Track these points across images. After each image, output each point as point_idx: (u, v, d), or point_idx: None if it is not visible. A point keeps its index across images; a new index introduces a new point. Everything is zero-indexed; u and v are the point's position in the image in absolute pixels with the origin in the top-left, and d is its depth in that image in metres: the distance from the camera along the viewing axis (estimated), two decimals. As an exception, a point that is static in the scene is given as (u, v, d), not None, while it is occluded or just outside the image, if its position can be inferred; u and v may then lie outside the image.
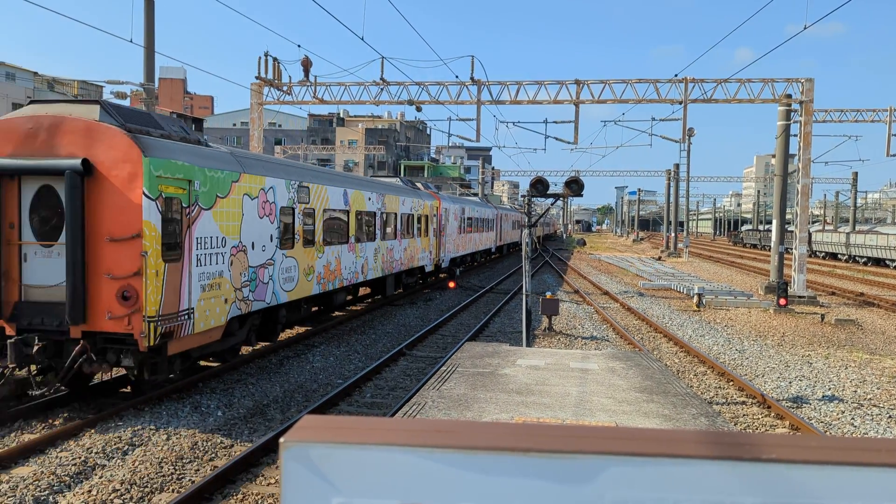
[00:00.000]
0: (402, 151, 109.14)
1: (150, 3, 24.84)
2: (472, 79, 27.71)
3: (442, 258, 30.36)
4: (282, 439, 1.09)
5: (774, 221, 27.99)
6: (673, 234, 65.90)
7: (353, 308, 22.85)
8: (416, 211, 26.22)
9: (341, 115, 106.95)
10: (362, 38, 23.83)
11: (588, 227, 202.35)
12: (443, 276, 32.22)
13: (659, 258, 57.49)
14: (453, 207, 32.94)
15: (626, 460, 1.05)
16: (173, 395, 11.91)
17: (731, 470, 1.02)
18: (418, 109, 29.51)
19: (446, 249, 31.18)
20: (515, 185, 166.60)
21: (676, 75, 27.18)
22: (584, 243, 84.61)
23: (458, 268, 33.00)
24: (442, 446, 1.09)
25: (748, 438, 1.08)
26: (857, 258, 52.94)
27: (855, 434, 10.96)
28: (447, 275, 31.32)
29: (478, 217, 40.26)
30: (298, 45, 28.27)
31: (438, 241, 29.73)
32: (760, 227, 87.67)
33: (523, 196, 17.21)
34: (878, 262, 49.87)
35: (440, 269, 30.49)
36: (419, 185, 30.58)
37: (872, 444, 1.06)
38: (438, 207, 29.73)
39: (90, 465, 8.61)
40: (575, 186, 14.62)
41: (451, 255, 32.44)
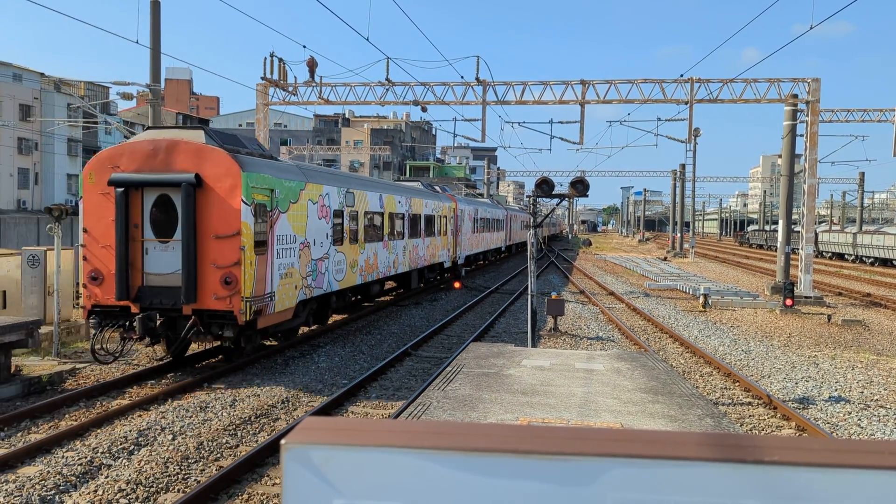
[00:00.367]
0: (407, 152, 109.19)
1: (155, 5, 24.91)
2: (478, 79, 27.71)
3: (458, 255, 32.50)
4: (283, 441, 1.09)
5: (781, 222, 27.91)
6: (679, 235, 65.77)
7: (381, 299, 24.73)
8: (437, 212, 28.39)
9: (347, 116, 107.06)
10: (367, 39, 23.85)
11: (594, 228, 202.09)
12: (467, 269, 35.16)
13: (665, 258, 57.39)
14: (468, 209, 35.00)
15: (628, 462, 1.04)
16: (179, 393, 11.97)
17: (733, 472, 1.02)
18: (423, 110, 29.51)
19: (462, 248, 33.31)
20: (521, 186, 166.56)
21: (682, 75, 27.14)
22: (589, 243, 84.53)
23: (463, 268, 33.51)
24: (443, 448, 1.09)
25: (750, 440, 1.08)
26: (863, 258, 52.74)
27: (861, 435, 10.92)
28: (456, 273, 32.06)
29: (489, 218, 42.05)
30: (304, 46, 28.34)
31: (455, 239, 31.88)
32: (766, 228, 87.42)
33: (529, 196, 17.50)
34: (886, 262, 49.67)
35: (456, 266, 32.49)
36: (437, 188, 32.57)
37: (876, 446, 1.06)
38: (455, 209, 31.87)
39: (96, 465, 8.64)
40: (580, 187, 14.58)
41: (466, 253, 34.60)
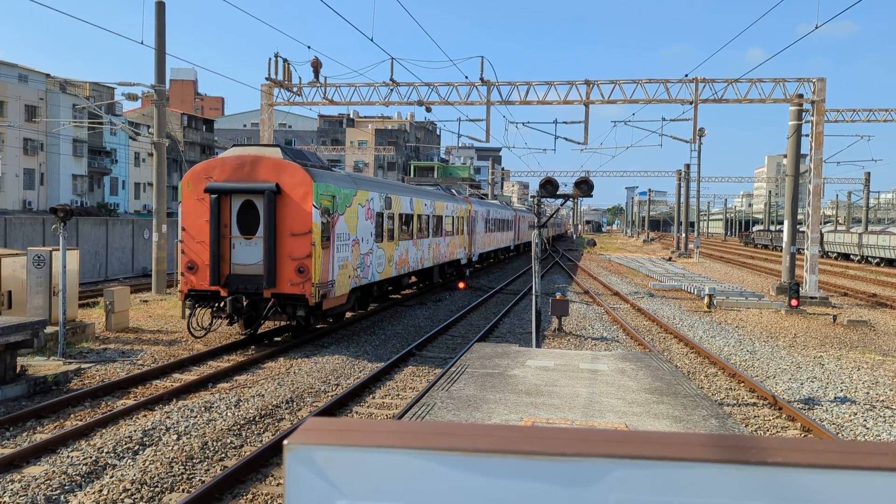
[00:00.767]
0: (411, 152, 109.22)
1: (160, 6, 24.98)
2: (482, 79, 27.69)
3: (473, 253, 35.28)
4: (286, 441, 1.09)
5: (786, 222, 27.84)
6: (683, 235, 65.64)
7: (405, 292, 26.99)
8: (455, 214, 31.03)
9: (351, 116, 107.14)
10: (371, 40, 23.88)
11: (598, 228, 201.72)
12: (479, 266, 38.99)
13: (669, 259, 57.29)
14: (481, 210, 37.71)
15: (631, 463, 1.04)
16: (184, 394, 11.99)
17: (736, 473, 1.01)
18: (428, 110, 29.52)
19: (476, 246, 36.17)
20: (525, 186, 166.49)
21: (687, 75, 27.07)
22: (594, 244, 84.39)
23: (468, 268, 33.94)
24: (446, 449, 1.08)
25: (754, 442, 1.07)
26: (869, 259, 52.57)
27: (867, 436, 10.89)
28: (462, 273, 32.61)
29: (499, 218, 44.73)
30: (308, 47, 28.40)
31: (470, 239, 34.58)
32: (772, 228, 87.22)
33: (533, 197, 18.03)
34: (891, 262, 49.50)
35: (471, 263, 35.50)
36: (454, 191, 35.67)
37: (880, 447, 1.05)
38: (470, 211, 34.44)
39: (101, 465, 8.66)
40: (585, 187, 14.56)
41: (480, 251, 37.56)
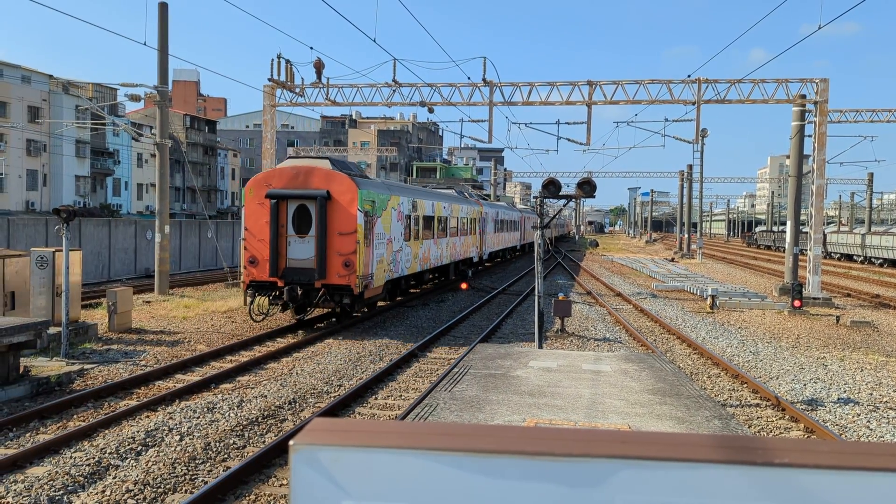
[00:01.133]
0: (414, 153, 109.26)
1: (163, 7, 25.01)
2: (484, 80, 27.68)
3: (484, 252, 37.90)
4: (291, 442, 1.09)
5: (789, 222, 27.80)
6: (686, 236, 65.58)
7: (424, 286, 29.32)
8: (468, 215, 33.46)
9: (353, 117, 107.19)
10: (374, 40, 23.88)
11: (601, 229, 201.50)
12: (489, 264, 42.55)
13: (672, 259, 57.24)
14: (491, 212, 40.34)
15: (637, 464, 1.04)
16: (187, 394, 12.00)
17: (742, 474, 1.01)
18: (430, 111, 29.52)
19: (486, 245, 38.80)
20: (528, 187, 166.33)
21: (689, 76, 27.04)
22: (596, 244, 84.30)
23: (469, 269, 34.11)
24: (451, 449, 1.08)
25: (760, 443, 1.07)
26: (872, 259, 52.49)
27: (871, 437, 10.86)
28: (464, 274, 33.06)
29: (507, 219, 47.32)
30: (311, 48, 28.45)
31: (481, 238, 37.10)
32: (774, 229, 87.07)
33: (535, 197, 18.45)
34: (894, 263, 49.40)
35: (482, 261, 38.28)
36: (466, 194, 38.55)
37: (886, 448, 1.05)
38: (481, 212, 36.96)
39: (104, 466, 8.67)
40: (587, 188, 14.54)
41: (490, 250, 40.18)
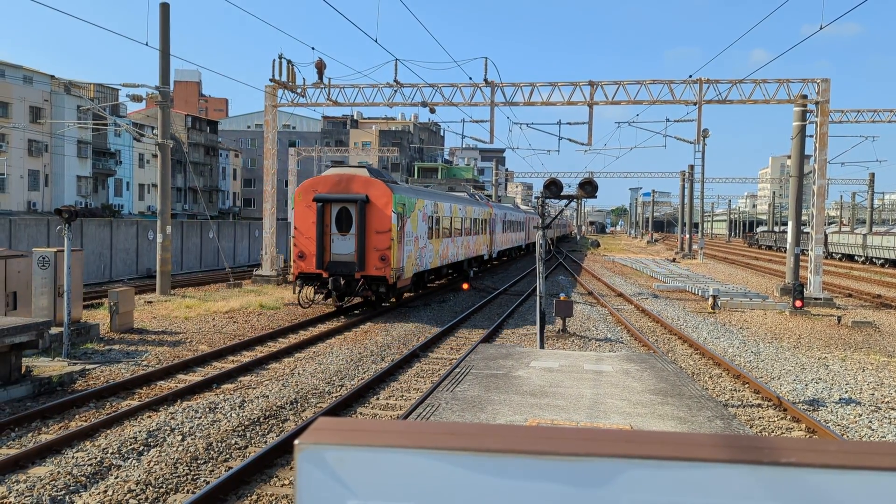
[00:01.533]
0: (415, 153, 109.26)
1: (164, 7, 25.02)
2: (486, 80, 27.67)
3: (493, 250, 40.80)
4: (296, 441, 1.09)
5: (790, 223, 27.78)
6: (687, 236, 65.54)
7: (440, 282, 31.64)
8: (480, 216, 36.22)
9: (355, 118, 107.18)
10: (376, 41, 23.88)
11: (602, 229, 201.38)
12: (495, 262, 45.38)
13: (673, 260, 57.20)
14: (499, 213, 43.36)
15: (643, 464, 1.04)
16: (189, 395, 12.01)
17: (749, 474, 1.01)
18: (432, 111, 29.51)
19: (495, 244, 41.67)
20: (529, 187, 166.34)
21: (691, 76, 27.02)
22: (598, 245, 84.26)
23: (472, 269, 34.36)
24: (457, 449, 1.08)
25: (766, 442, 1.07)
26: (873, 260, 52.44)
27: (872, 437, 10.85)
28: (467, 275, 33.55)
29: (513, 220, 50.43)
30: (312, 48, 28.52)
31: (491, 238, 39.87)
32: (776, 229, 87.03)
33: (537, 198, 18.82)
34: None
35: (491, 258, 41.29)
36: (478, 196, 41.66)
37: (893, 448, 1.05)
38: (491, 214, 39.81)
39: (106, 466, 8.67)
40: (589, 188, 14.52)
41: (498, 249, 43.14)
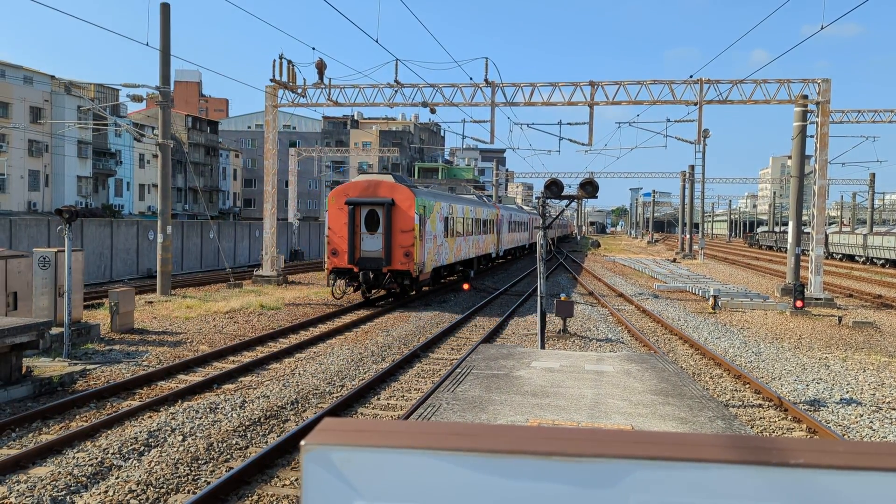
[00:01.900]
0: (416, 153, 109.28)
1: (165, 7, 25.02)
2: (486, 80, 27.66)
3: (500, 249, 43.52)
4: (303, 442, 1.08)
5: (791, 223, 27.77)
6: (688, 236, 65.53)
7: (451, 278, 33.32)
8: (488, 217, 38.64)
9: (355, 118, 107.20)
10: (377, 41, 23.87)
11: (602, 229, 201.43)
12: (501, 261, 48.02)
13: (674, 260, 57.20)
14: (505, 214, 46.06)
15: (650, 464, 1.04)
16: (189, 395, 12.01)
17: (757, 475, 1.01)
18: (432, 111, 29.52)
19: (502, 244, 44.23)
20: (529, 187, 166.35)
21: (691, 76, 27.02)
22: (598, 245, 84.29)
23: (471, 270, 34.40)
24: (463, 449, 1.08)
25: (774, 443, 1.06)
26: (874, 260, 52.42)
27: (874, 438, 10.85)
28: (467, 276, 33.73)
29: (518, 220, 52.99)
30: (313, 48, 28.49)
31: (498, 237, 42.42)
32: (776, 229, 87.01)
33: (538, 198, 19.04)
34: (897, 263, 49.34)
35: (498, 256, 44.32)
36: (485, 198, 45.76)
37: (901, 449, 1.04)
38: (498, 214, 42.33)
39: (107, 466, 8.67)
40: (589, 188, 14.52)
41: (504, 248, 45.69)
